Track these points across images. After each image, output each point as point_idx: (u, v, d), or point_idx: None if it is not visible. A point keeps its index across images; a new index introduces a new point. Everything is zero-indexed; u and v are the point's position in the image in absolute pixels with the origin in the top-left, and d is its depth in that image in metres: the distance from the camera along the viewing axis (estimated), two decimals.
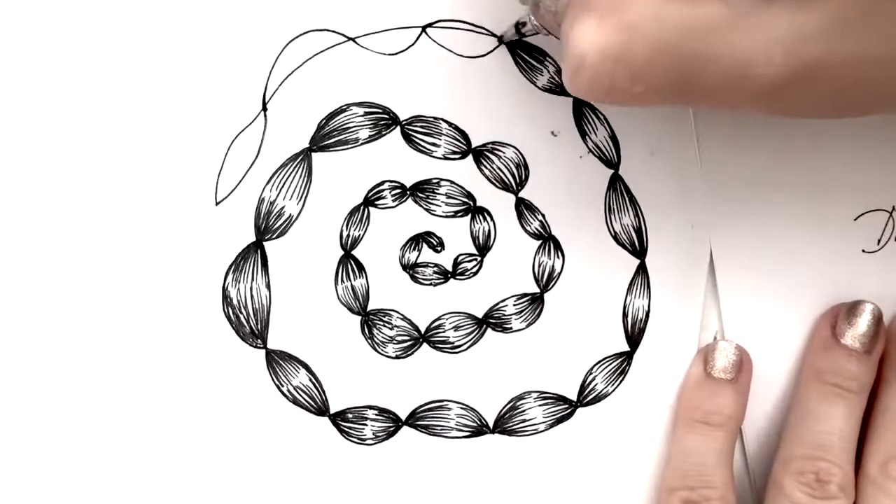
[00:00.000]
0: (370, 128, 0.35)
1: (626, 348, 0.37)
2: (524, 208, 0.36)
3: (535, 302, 0.37)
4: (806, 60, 0.25)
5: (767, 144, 0.37)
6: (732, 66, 0.25)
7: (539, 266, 0.36)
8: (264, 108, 0.34)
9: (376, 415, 0.36)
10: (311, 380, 0.35)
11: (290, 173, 0.35)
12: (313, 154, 0.35)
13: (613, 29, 0.26)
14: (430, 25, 0.35)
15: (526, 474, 0.37)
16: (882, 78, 0.26)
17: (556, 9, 0.29)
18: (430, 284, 0.36)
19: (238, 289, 0.35)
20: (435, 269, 0.36)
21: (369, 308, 0.36)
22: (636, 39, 0.25)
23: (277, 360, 0.35)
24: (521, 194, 0.36)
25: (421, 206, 0.36)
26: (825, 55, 0.25)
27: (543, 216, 0.36)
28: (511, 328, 0.36)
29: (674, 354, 0.37)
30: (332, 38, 0.35)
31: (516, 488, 0.37)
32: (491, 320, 0.36)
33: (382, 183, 0.35)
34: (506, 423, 0.37)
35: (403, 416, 0.36)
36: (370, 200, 0.35)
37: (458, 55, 0.35)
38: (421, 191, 0.35)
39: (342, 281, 0.35)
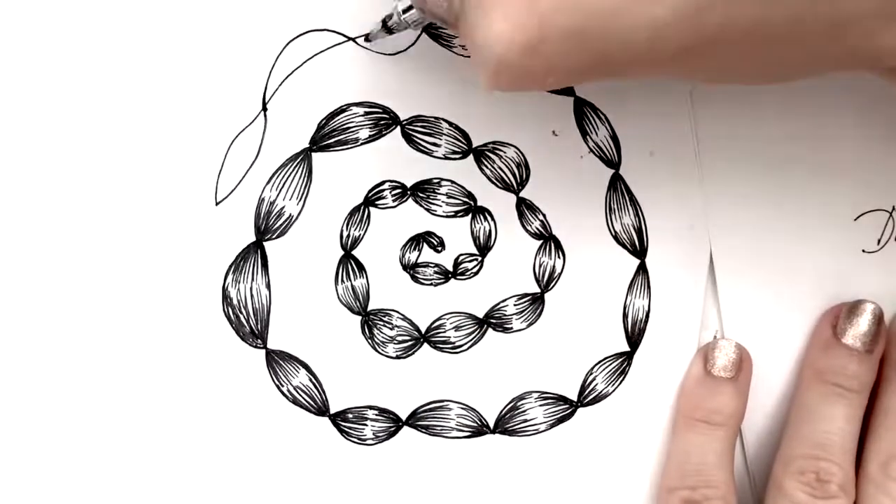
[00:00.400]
0: (370, 128, 0.35)
1: (627, 348, 0.37)
2: (525, 208, 0.36)
3: (535, 302, 0.36)
4: (707, 27, 0.25)
5: (767, 145, 0.37)
6: (641, 39, 0.25)
7: (540, 266, 0.36)
8: (264, 108, 0.34)
9: (376, 415, 0.36)
10: (311, 380, 0.35)
11: (290, 173, 0.35)
12: (313, 154, 0.35)
13: (523, 23, 0.25)
14: (430, 25, 0.35)
15: (526, 474, 0.37)
16: (779, 44, 0.26)
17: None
18: (431, 284, 0.36)
19: (238, 289, 0.35)
20: (435, 269, 0.36)
21: (370, 308, 0.36)
22: (547, 29, 0.25)
23: (277, 360, 0.35)
24: (521, 194, 0.36)
25: (421, 205, 0.36)
26: (725, 19, 0.25)
27: (544, 216, 0.36)
28: (512, 328, 0.36)
29: (674, 354, 0.37)
30: (332, 38, 0.34)
31: (517, 488, 0.37)
32: (492, 320, 0.36)
33: (383, 183, 0.35)
34: (506, 424, 0.37)
35: (404, 417, 0.36)
36: (370, 200, 0.35)
37: (458, 55, 0.35)
38: (421, 191, 0.35)
39: (342, 281, 0.35)
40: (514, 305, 0.36)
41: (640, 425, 0.37)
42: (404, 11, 0.32)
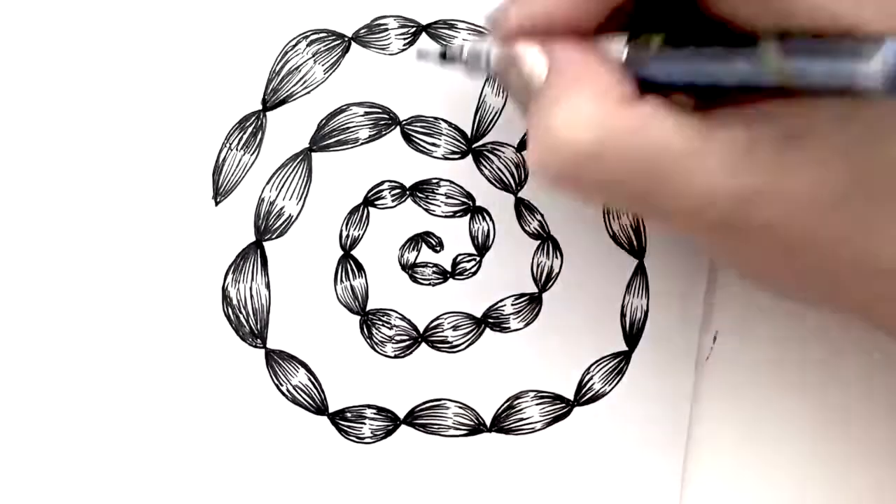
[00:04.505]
0: (370, 128, 0.35)
1: (624, 348, 0.37)
2: (523, 208, 0.36)
3: (533, 302, 0.37)
4: (753, 219, 0.26)
5: None
6: (688, 199, 0.26)
7: (537, 266, 0.37)
8: (264, 108, 0.34)
9: (375, 414, 0.36)
10: (310, 379, 0.35)
11: (290, 173, 0.35)
12: (313, 154, 0.35)
13: (596, 128, 0.25)
14: (430, 25, 0.35)
15: (522, 473, 0.37)
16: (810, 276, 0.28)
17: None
18: (430, 284, 0.36)
19: (238, 289, 0.35)
20: (434, 269, 0.36)
21: (368, 308, 0.36)
22: (614, 146, 0.25)
23: (277, 360, 0.35)
24: (520, 194, 0.36)
25: (420, 206, 0.36)
26: (783, 217, 0.26)
27: (542, 216, 0.36)
28: (509, 328, 0.37)
29: (672, 354, 0.37)
30: (332, 38, 0.34)
31: (513, 486, 0.37)
32: (489, 320, 0.36)
33: (382, 183, 0.35)
34: (503, 422, 0.37)
35: (402, 415, 0.36)
36: (370, 200, 0.35)
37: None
38: (420, 191, 0.36)
39: (341, 281, 0.35)
40: (512, 305, 0.37)
41: (637, 425, 0.37)
42: (469, 59, 0.32)
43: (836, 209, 0.26)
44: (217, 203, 0.34)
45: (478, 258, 0.36)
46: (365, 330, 0.36)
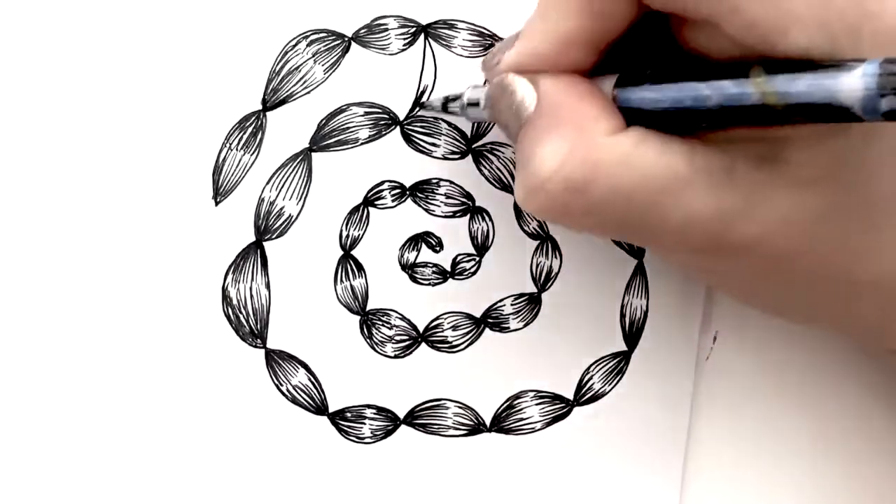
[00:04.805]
0: (370, 128, 0.35)
1: (624, 348, 0.37)
2: (427, 109, 0.36)
3: (532, 301, 0.37)
4: (735, 239, 0.26)
5: None
6: (673, 222, 0.26)
7: (537, 266, 0.37)
8: (264, 108, 0.34)
9: (375, 414, 0.36)
10: (310, 379, 0.35)
11: (290, 173, 0.35)
12: (313, 154, 0.35)
13: (581, 161, 0.26)
14: (430, 25, 0.35)
15: (522, 473, 0.37)
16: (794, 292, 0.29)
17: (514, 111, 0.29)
18: (429, 284, 0.36)
19: (238, 289, 0.35)
20: (434, 269, 0.36)
21: (368, 308, 0.36)
22: (599, 178, 0.26)
23: (277, 360, 0.35)
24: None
25: (420, 206, 0.36)
26: (764, 237, 0.26)
27: None
28: (509, 328, 0.37)
29: (672, 354, 0.37)
30: (332, 38, 0.34)
31: (513, 486, 0.37)
32: (489, 320, 0.37)
33: (382, 183, 0.35)
34: (503, 422, 0.37)
35: (402, 415, 0.36)
36: (370, 200, 0.35)
37: (458, 55, 0.35)
38: (420, 191, 0.36)
39: (341, 281, 0.35)
40: (512, 305, 0.37)
41: (636, 424, 0.37)
42: (469, 105, 0.32)
43: (814, 228, 0.26)
44: (217, 203, 0.34)
45: (477, 258, 0.36)
46: (365, 330, 0.36)
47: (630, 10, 0.27)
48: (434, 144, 0.35)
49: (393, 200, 0.35)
